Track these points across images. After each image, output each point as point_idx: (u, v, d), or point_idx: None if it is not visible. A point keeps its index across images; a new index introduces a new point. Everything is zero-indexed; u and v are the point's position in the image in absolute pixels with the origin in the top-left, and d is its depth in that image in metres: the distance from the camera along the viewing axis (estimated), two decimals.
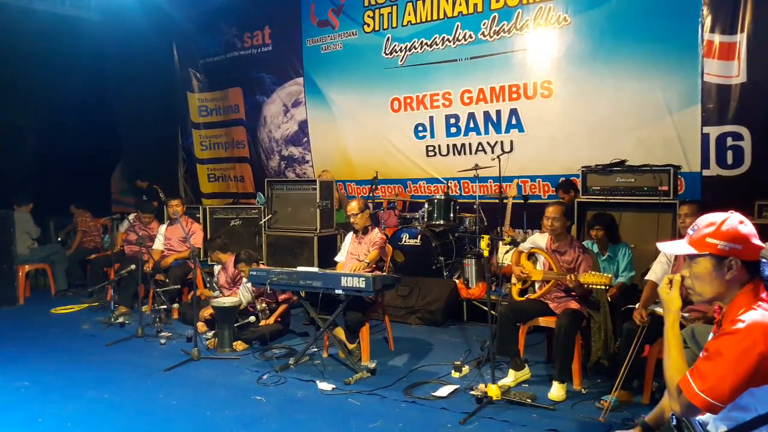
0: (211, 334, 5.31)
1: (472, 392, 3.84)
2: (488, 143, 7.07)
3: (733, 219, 1.81)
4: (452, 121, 7.28)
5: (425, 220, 6.58)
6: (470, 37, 7.05)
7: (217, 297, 5.44)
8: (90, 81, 8.96)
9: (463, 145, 7.27)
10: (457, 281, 6.15)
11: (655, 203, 5.07)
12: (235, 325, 5.15)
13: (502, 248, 5.83)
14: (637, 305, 3.78)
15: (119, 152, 10.50)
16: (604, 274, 3.85)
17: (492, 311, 4.01)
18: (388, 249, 5.52)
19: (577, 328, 4.01)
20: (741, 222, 1.81)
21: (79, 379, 4.37)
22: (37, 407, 3.82)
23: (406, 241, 6.49)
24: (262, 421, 3.58)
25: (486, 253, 3.85)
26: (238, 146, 9.65)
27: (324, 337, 4.82)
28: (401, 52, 7.56)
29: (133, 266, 6.03)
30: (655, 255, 4.08)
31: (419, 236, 6.40)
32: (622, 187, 5.26)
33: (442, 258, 6.35)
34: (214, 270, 6.41)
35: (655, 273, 3.87)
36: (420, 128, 7.56)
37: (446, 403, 3.78)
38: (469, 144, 7.21)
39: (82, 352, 5.09)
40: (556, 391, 3.84)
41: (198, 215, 7.61)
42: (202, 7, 9.36)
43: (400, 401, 3.84)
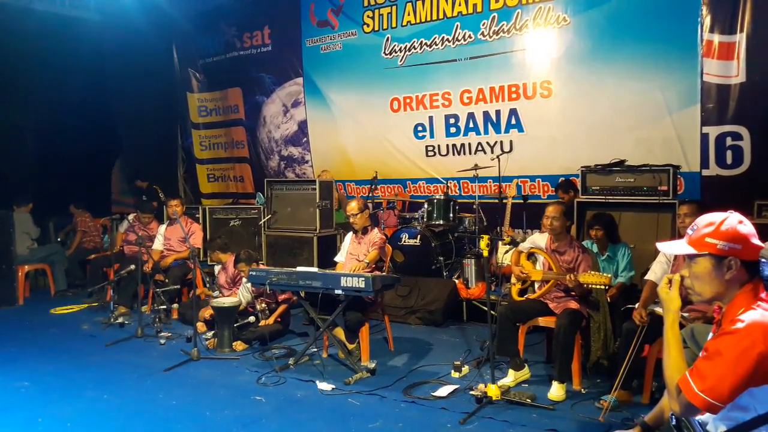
0: (210, 334, 5.31)
1: (472, 392, 3.84)
2: (488, 143, 7.07)
3: (733, 219, 1.81)
4: (452, 121, 7.29)
5: (425, 220, 6.58)
6: (470, 37, 7.05)
7: (217, 297, 5.45)
8: (90, 81, 8.95)
9: (462, 145, 7.27)
10: (456, 281, 6.15)
11: (654, 203, 5.07)
12: (235, 325, 5.15)
13: (502, 248, 5.82)
14: (636, 305, 3.78)
15: (119, 152, 10.50)
16: (603, 274, 3.85)
17: (492, 311, 4.02)
18: (388, 249, 5.52)
19: (576, 328, 4.01)
20: (740, 222, 1.81)
21: (79, 379, 4.37)
22: (36, 407, 3.82)
23: (405, 241, 6.49)
24: (261, 421, 3.58)
25: (485, 253, 3.86)
26: (238, 146, 9.65)
27: (324, 337, 4.82)
28: (401, 52, 7.56)
29: (132, 266, 6.02)
30: (655, 255, 4.09)
31: (419, 236, 6.40)
32: (621, 187, 5.26)
33: (441, 258, 6.35)
34: (214, 270, 6.41)
35: (654, 273, 3.88)
36: (419, 128, 7.56)
37: (446, 403, 3.78)
38: (469, 144, 7.22)
39: (82, 352, 5.09)
40: (556, 391, 3.84)
41: (197, 215, 7.61)
42: (202, 7, 9.36)
43: (399, 401, 3.84)
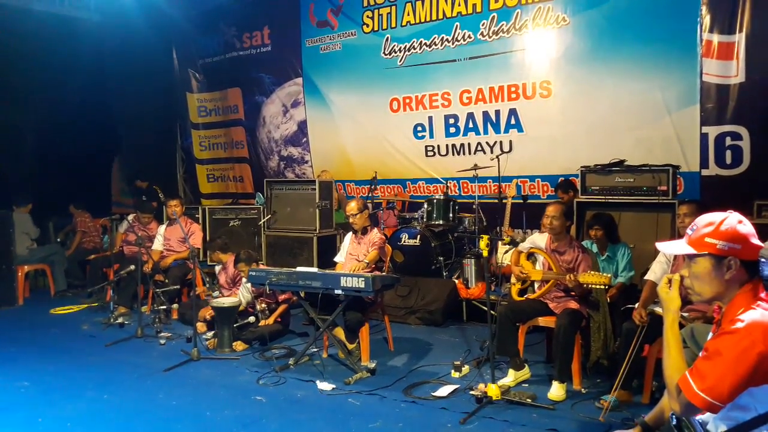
0: (210, 334, 5.31)
1: (472, 392, 3.85)
2: (487, 143, 7.07)
3: (732, 219, 1.82)
4: (451, 121, 7.29)
5: (424, 220, 6.58)
6: (469, 37, 7.05)
7: (216, 297, 5.45)
8: (89, 81, 8.95)
9: (462, 145, 7.27)
10: (456, 281, 6.15)
11: (654, 203, 5.07)
12: (235, 325, 5.15)
13: (502, 248, 5.82)
14: (636, 305, 3.78)
15: (118, 153, 10.50)
16: (603, 274, 3.85)
17: (491, 311, 4.02)
18: (388, 249, 5.52)
19: (576, 327, 4.01)
20: (740, 222, 1.81)
21: (79, 379, 4.37)
22: (37, 408, 3.82)
23: (405, 241, 6.49)
24: (261, 421, 3.59)
25: (485, 253, 3.86)
26: (238, 146, 9.65)
27: (324, 337, 4.82)
28: (400, 52, 7.56)
29: (132, 267, 6.03)
30: (655, 255, 4.09)
31: (418, 236, 6.40)
32: (621, 187, 5.25)
33: (441, 258, 6.36)
34: (216, 270, 6.40)
35: (654, 273, 3.88)
36: (419, 128, 7.56)
37: (446, 403, 3.78)
38: (468, 144, 7.22)
39: (82, 352, 5.09)
40: (556, 391, 3.84)
41: (197, 215, 7.60)
42: (202, 8, 9.36)
43: (399, 401, 3.85)
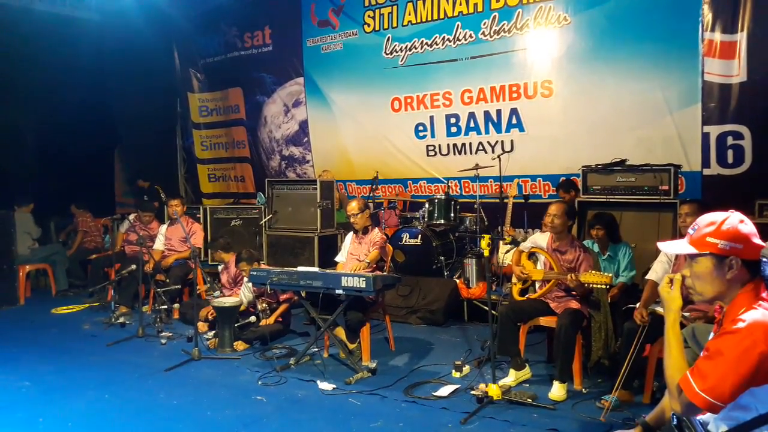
0: (211, 334, 5.31)
1: (473, 392, 3.84)
2: (489, 143, 7.07)
3: (734, 218, 1.81)
4: (452, 120, 7.28)
5: (426, 219, 6.58)
6: (470, 36, 7.04)
7: (217, 297, 5.45)
8: (90, 81, 8.95)
9: (463, 144, 7.27)
10: (457, 281, 6.15)
11: (655, 203, 5.07)
12: (236, 325, 5.15)
13: (503, 248, 5.84)
14: (637, 305, 3.78)
15: (120, 153, 10.51)
16: (604, 274, 3.84)
17: (492, 311, 4.01)
18: (389, 249, 5.52)
19: (577, 327, 4.01)
20: (741, 221, 1.81)
21: (80, 379, 4.37)
22: (37, 407, 3.83)
23: (406, 241, 6.49)
24: (262, 420, 3.59)
25: (486, 253, 3.85)
26: (239, 146, 9.65)
27: (324, 337, 4.82)
28: (401, 51, 7.55)
29: (133, 266, 6.03)
30: (656, 254, 4.09)
31: (420, 236, 6.40)
32: (622, 186, 5.25)
33: (442, 258, 6.35)
34: (218, 269, 6.40)
35: (655, 272, 3.88)
36: (420, 128, 7.55)
37: (447, 402, 3.78)
38: (470, 144, 7.21)
39: (83, 352, 5.10)
40: (557, 391, 3.84)
41: (198, 215, 7.61)
42: (202, 8, 9.35)
43: (400, 401, 3.84)
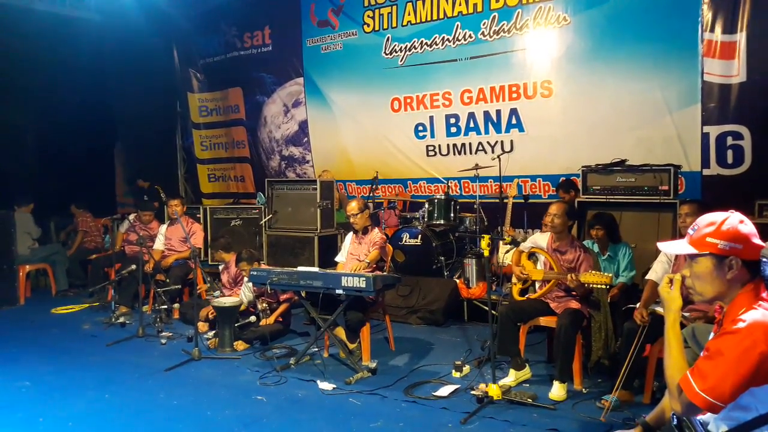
0: (211, 333, 5.32)
1: (473, 392, 3.85)
2: (488, 143, 7.07)
3: (734, 218, 1.81)
4: (452, 120, 7.28)
5: (425, 219, 6.58)
6: (470, 36, 7.04)
7: (217, 297, 5.45)
8: (90, 81, 8.95)
9: (463, 144, 7.27)
10: (457, 281, 6.15)
11: (655, 203, 5.07)
12: (236, 324, 5.15)
13: (503, 248, 5.84)
14: (637, 305, 3.78)
15: (120, 153, 10.51)
16: (604, 274, 3.84)
17: (492, 311, 4.02)
18: (389, 249, 5.52)
19: (577, 327, 4.01)
20: (741, 221, 1.81)
21: (80, 379, 4.37)
22: (37, 407, 3.83)
23: (406, 241, 6.49)
24: (262, 420, 3.59)
25: (486, 253, 3.85)
26: (239, 146, 9.65)
27: (325, 336, 4.82)
28: (401, 52, 7.55)
29: (133, 266, 6.03)
30: (656, 254, 4.09)
31: (420, 236, 6.40)
32: (622, 186, 5.26)
33: (442, 258, 6.35)
34: (219, 269, 6.40)
35: (655, 272, 3.88)
36: (420, 128, 7.55)
37: (447, 402, 3.78)
38: (470, 144, 7.21)
39: (83, 352, 5.10)
40: (557, 391, 3.84)
41: (198, 215, 7.61)
42: (202, 7, 9.35)
43: (400, 401, 3.85)
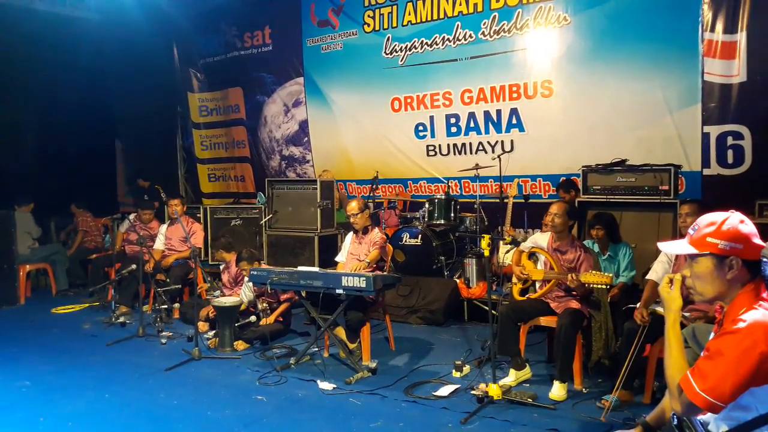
0: (212, 333, 5.32)
1: (473, 392, 3.85)
2: (489, 143, 7.07)
3: (734, 218, 1.81)
4: (452, 120, 7.28)
5: (426, 219, 6.58)
6: (470, 36, 7.04)
7: (218, 296, 5.45)
8: (90, 81, 8.97)
9: (463, 144, 7.27)
10: (457, 281, 6.15)
11: (655, 203, 5.07)
12: (236, 324, 5.15)
13: (503, 248, 5.83)
14: (638, 305, 3.78)
15: (120, 152, 10.51)
16: (605, 274, 3.84)
17: (493, 311, 4.02)
18: (389, 249, 5.52)
19: (578, 327, 4.01)
20: (742, 221, 1.81)
21: (80, 378, 4.37)
22: (38, 407, 3.83)
23: (406, 241, 6.49)
24: (262, 420, 3.59)
25: (487, 253, 3.85)
26: (239, 146, 9.65)
27: (325, 336, 4.82)
28: (401, 51, 7.55)
29: (133, 266, 6.02)
30: (656, 254, 4.09)
31: (420, 236, 6.40)
32: (622, 186, 5.25)
33: (442, 258, 6.35)
34: (220, 269, 6.40)
35: (655, 272, 3.88)
36: (420, 128, 7.55)
37: (447, 402, 3.78)
38: (470, 143, 7.21)
39: (83, 351, 5.10)
40: (557, 391, 3.84)
41: (198, 215, 7.61)
42: (202, 7, 9.35)
43: (401, 401, 3.85)
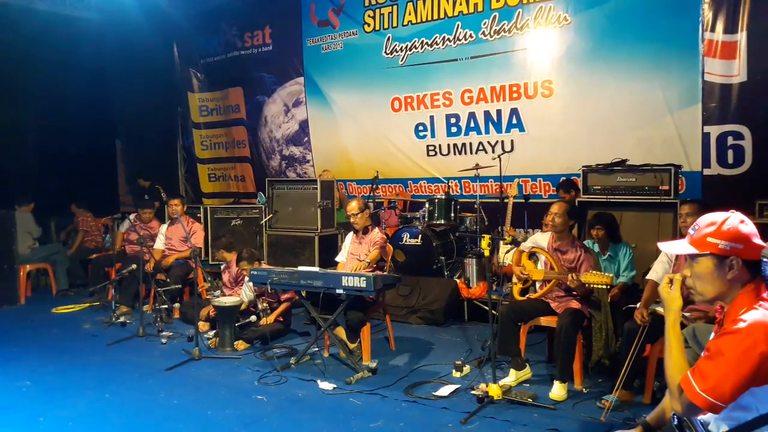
0: (212, 333, 5.32)
1: (473, 392, 3.85)
2: (489, 143, 7.07)
3: (734, 218, 1.81)
4: (453, 120, 7.28)
5: (426, 219, 6.58)
6: (470, 36, 7.04)
7: (218, 296, 5.45)
8: (90, 81, 8.96)
9: (463, 144, 7.27)
10: (457, 281, 6.15)
11: (656, 203, 5.07)
12: (237, 324, 5.15)
13: (503, 248, 5.84)
14: (638, 305, 3.78)
15: (120, 152, 10.51)
16: (605, 274, 3.84)
17: (493, 311, 4.02)
18: (389, 248, 5.52)
19: (578, 327, 4.01)
20: (742, 221, 1.80)
21: (80, 378, 4.37)
22: (38, 407, 3.83)
23: (406, 241, 6.49)
24: (263, 420, 3.59)
25: (487, 253, 3.85)
26: (239, 146, 9.65)
27: (325, 336, 4.82)
28: (402, 51, 7.55)
29: (134, 266, 6.03)
30: (656, 254, 4.09)
31: (420, 236, 6.40)
32: (622, 186, 5.25)
33: (442, 257, 6.35)
34: (221, 269, 6.40)
35: (656, 272, 3.88)
36: (420, 128, 7.55)
37: (447, 402, 3.78)
38: (470, 143, 7.21)
39: (83, 351, 5.10)
40: (557, 391, 3.84)
41: (199, 215, 7.60)
42: (202, 7, 9.35)
43: (401, 401, 3.85)
